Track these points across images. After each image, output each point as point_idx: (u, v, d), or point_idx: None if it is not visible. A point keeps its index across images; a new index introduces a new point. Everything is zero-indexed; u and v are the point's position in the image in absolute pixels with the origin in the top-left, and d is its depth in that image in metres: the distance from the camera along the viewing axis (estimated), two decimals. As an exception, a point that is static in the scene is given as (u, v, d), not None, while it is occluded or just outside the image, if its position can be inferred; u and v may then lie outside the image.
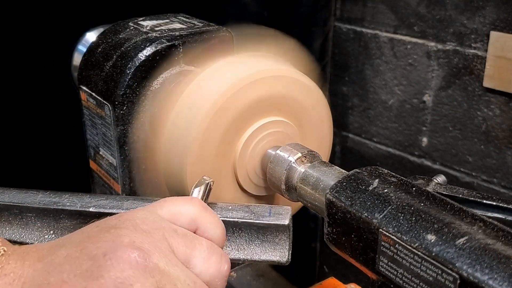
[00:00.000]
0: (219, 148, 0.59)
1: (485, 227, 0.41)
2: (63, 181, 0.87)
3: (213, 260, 0.41)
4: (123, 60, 0.62)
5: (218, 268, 0.41)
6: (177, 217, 0.42)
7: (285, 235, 0.48)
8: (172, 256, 0.39)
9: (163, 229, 0.40)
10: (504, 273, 0.37)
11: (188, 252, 0.40)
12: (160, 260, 0.37)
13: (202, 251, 0.41)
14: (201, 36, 0.65)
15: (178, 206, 0.43)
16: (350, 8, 1.16)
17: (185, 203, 0.43)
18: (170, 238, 0.40)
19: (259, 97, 0.59)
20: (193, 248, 0.40)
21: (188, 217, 0.43)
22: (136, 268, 0.36)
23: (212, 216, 0.44)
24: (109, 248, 0.36)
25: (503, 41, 0.91)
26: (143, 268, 0.36)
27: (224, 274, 0.41)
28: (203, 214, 0.43)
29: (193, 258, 0.40)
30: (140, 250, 0.37)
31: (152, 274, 0.36)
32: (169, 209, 0.43)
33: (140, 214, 0.41)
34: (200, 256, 0.40)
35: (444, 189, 0.53)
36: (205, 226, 0.43)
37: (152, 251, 0.37)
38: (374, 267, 0.45)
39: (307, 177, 0.55)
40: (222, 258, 0.42)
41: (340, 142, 1.27)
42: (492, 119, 0.97)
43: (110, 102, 0.62)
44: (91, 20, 0.77)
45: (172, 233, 0.40)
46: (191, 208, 0.43)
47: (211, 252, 0.41)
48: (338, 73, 1.22)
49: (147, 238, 0.38)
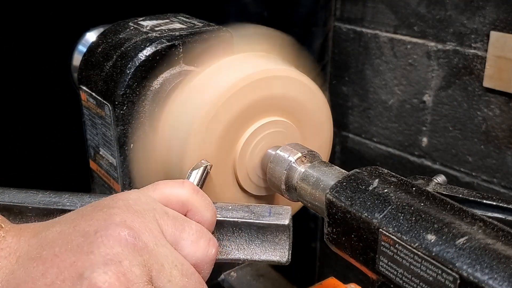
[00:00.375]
0: (219, 148, 0.59)
1: (485, 227, 0.41)
2: (63, 181, 0.87)
3: (201, 243, 0.42)
4: (123, 60, 0.63)
5: (205, 252, 0.42)
6: (169, 199, 0.44)
7: (285, 235, 0.48)
8: (161, 237, 0.40)
9: (154, 210, 0.41)
10: (504, 273, 0.37)
11: (177, 234, 0.41)
12: (149, 240, 0.38)
13: (191, 234, 0.42)
14: (201, 36, 0.65)
15: (170, 188, 0.44)
16: (350, 8, 1.16)
17: (177, 186, 0.45)
18: (160, 219, 0.41)
19: (259, 97, 0.59)
20: (182, 230, 0.41)
21: (179, 199, 0.44)
22: (126, 246, 0.37)
23: (203, 199, 0.45)
24: (101, 226, 0.38)
25: (503, 41, 0.91)
26: (132, 247, 0.37)
27: (211, 258, 0.42)
28: (194, 197, 0.44)
29: (181, 240, 0.41)
30: (130, 229, 0.38)
31: (140, 253, 0.37)
32: (162, 192, 0.44)
33: (133, 195, 0.42)
34: (188, 239, 0.41)
35: (444, 189, 0.53)
36: (196, 209, 0.44)
37: (142, 231, 0.38)
38: (374, 267, 0.45)
39: (307, 177, 0.55)
40: (210, 242, 0.43)
41: (340, 142, 1.27)
42: (492, 119, 0.97)
43: (110, 102, 0.62)
44: (91, 20, 0.77)
45: (163, 214, 0.41)
46: (182, 191, 0.44)
47: (199, 235, 0.42)
48: (338, 73, 1.22)
49: (138, 218, 0.39)
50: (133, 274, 0.36)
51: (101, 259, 0.36)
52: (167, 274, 0.38)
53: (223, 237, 0.49)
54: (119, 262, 0.36)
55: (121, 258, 0.36)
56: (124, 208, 0.40)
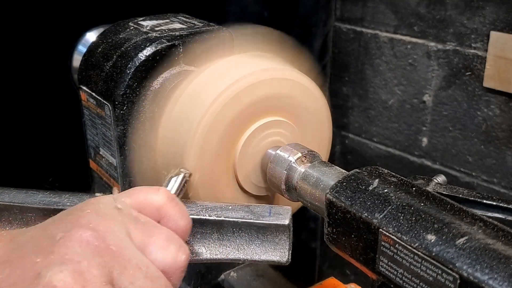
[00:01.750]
0: (219, 148, 0.59)
1: (485, 227, 0.41)
2: (63, 181, 0.87)
3: (170, 249, 0.42)
4: (123, 60, 0.63)
5: (174, 258, 0.42)
6: (143, 205, 0.44)
7: (285, 235, 0.48)
8: (127, 240, 0.40)
9: (123, 215, 0.41)
10: (504, 273, 0.37)
11: (146, 239, 0.41)
12: (113, 242, 0.39)
13: (160, 240, 0.42)
14: (201, 36, 0.65)
15: (144, 194, 0.45)
16: (350, 8, 1.16)
17: (152, 193, 0.45)
18: (129, 223, 0.41)
19: (259, 97, 0.59)
20: (150, 235, 0.41)
21: (153, 206, 0.44)
22: (86, 246, 0.37)
23: (178, 207, 0.45)
24: (67, 228, 0.38)
25: (503, 41, 0.91)
26: (93, 248, 0.37)
27: (180, 265, 0.42)
28: (168, 205, 0.44)
29: (149, 244, 0.41)
30: (93, 231, 0.38)
31: (101, 254, 0.37)
32: (136, 197, 0.44)
33: (105, 199, 0.42)
34: (156, 244, 0.41)
35: (444, 189, 0.53)
36: (169, 216, 0.44)
37: (107, 234, 0.39)
38: (374, 267, 0.45)
39: (307, 177, 0.55)
40: (180, 249, 0.42)
41: (340, 142, 1.27)
42: (492, 119, 0.97)
43: (110, 102, 0.62)
44: (91, 20, 0.77)
45: (132, 219, 0.42)
46: (156, 198, 0.44)
47: (169, 241, 0.42)
48: (338, 73, 1.22)
49: (104, 221, 0.40)
50: (90, 274, 0.36)
51: (60, 258, 0.36)
52: (129, 276, 0.38)
53: (223, 237, 0.48)
54: (77, 262, 0.36)
55: (79, 258, 0.36)
56: (92, 212, 0.40)
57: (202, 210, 0.49)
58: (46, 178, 0.87)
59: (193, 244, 0.48)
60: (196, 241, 0.48)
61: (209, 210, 0.49)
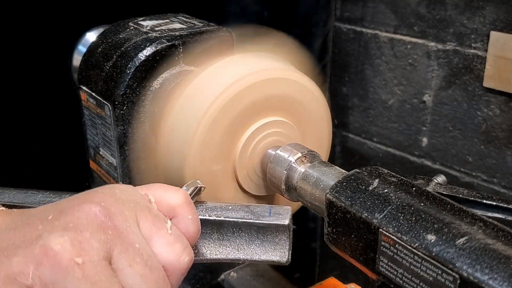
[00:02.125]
0: (219, 148, 0.59)
1: (485, 227, 0.41)
2: (63, 181, 0.87)
3: (176, 247, 0.41)
4: (123, 60, 0.63)
5: (178, 257, 0.41)
6: (158, 200, 0.44)
7: (285, 235, 0.48)
8: (135, 226, 0.40)
9: (137, 203, 0.41)
10: (504, 273, 0.37)
11: (154, 230, 0.41)
12: (121, 224, 0.39)
13: (168, 235, 0.41)
14: (201, 36, 0.65)
15: (163, 191, 0.44)
16: (350, 8, 1.16)
17: (171, 191, 0.45)
18: (140, 212, 0.41)
19: (259, 97, 0.59)
20: (159, 228, 0.41)
21: (169, 203, 0.44)
22: (93, 220, 0.38)
23: (193, 212, 0.45)
24: (78, 202, 0.39)
25: (503, 41, 0.91)
26: (99, 223, 0.38)
27: (183, 266, 0.42)
28: (184, 206, 0.44)
29: (156, 236, 0.41)
30: (104, 208, 0.38)
31: (105, 231, 0.38)
32: (154, 192, 0.44)
33: (122, 186, 0.43)
34: (163, 238, 0.41)
35: (444, 189, 0.53)
36: (182, 217, 0.44)
37: (116, 215, 0.39)
38: (374, 267, 0.45)
39: (307, 177, 0.55)
40: (186, 250, 0.42)
41: (340, 142, 1.27)
42: (492, 119, 0.97)
43: (110, 102, 0.62)
44: (91, 20, 0.77)
45: (145, 208, 0.41)
46: (174, 196, 0.44)
47: (177, 239, 0.42)
48: (338, 73, 1.22)
49: (116, 204, 0.40)
50: (89, 245, 0.36)
51: (63, 225, 0.37)
52: (129, 258, 0.38)
53: (223, 237, 0.48)
54: (79, 231, 0.36)
55: (82, 229, 0.37)
56: (107, 193, 0.40)
57: (202, 210, 0.49)
58: (46, 178, 0.87)
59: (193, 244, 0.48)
60: (196, 241, 0.48)
61: (209, 210, 0.49)
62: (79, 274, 0.35)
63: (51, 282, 0.35)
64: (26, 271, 0.35)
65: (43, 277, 0.35)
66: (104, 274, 0.36)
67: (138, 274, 0.38)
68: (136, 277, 0.38)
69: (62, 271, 0.35)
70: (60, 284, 0.35)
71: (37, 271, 0.35)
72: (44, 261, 0.35)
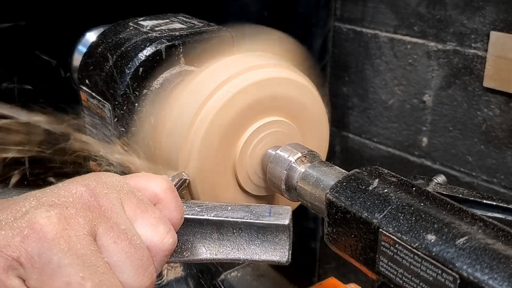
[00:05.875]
0: (220, 148, 0.59)
1: (485, 227, 0.41)
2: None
3: (160, 229, 0.42)
4: (123, 60, 0.63)
5: (162, 238, 0.42)
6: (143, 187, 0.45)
7: (285, 235, 0.48)
8: (120, 208, 0.41)
9: (122, 187, 0.43)
10: (504, 273, 0.37)
11: (138, 213, 0.42)
12: (106, 204, 0.40)
13: (152, 218, 0.42)
14: (201, 36, 0.65)
15: (147, 179, 0.46)
16: (350, 8, 1.15)
17: (154, 178, 0.46)
18: (125, 195, 0.42)
19: (259, 97, 0.59)
20: (143, 211, 0.42)
21: (152, 190, 0.45)
22: (78, 198, 0.39)
23: (175, 199, 0.46)
24: (64, 184, 0.41)
25: (503, 41, 0.91)
26: (85, 202, 0.39)
27: (166, 247, 0.42)
28: (167, 193, 0.45)
29: (140, 218, 0.42)
30: (89, 189, 0.40)
31: (91, 209, 0.39)
32: (139, 180, 0.45)
33: (108, 173, 0.44)
34: (147, 220, 0.42)
35: (444, 189, 0.53)
36: (165, 204, 0.45)
37: (101, 196, 0.40)
38: (374, 267, 0.45)
39: (307, 177, 0.55)
40: (169, 232, 0.43)
41: (340, 142, 1.27)
42: (492, 119, 0.97)
43: (110, 102, 0.62)
44: (91, 20, 0.77)
45: (129, 193, 0.43)
46: (157, 184, 0.45)
47: (160, 221, 0.43)
48: (338, 73, 1.22)
49: (102, 186, 0.41)
50: (75, 221, 0.37)
51: (50, 202, 0.38)
52: (114, 236, 0.39)
53: (223, 237, 0.49)
54: (65, 208, 0.38)
55: (68, 206, 0.38)
56: (93, 178, 0.42)
57: (202, 210, 0.49)
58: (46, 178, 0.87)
59: (193, 244, 0.48)
60: (196, 241, 0.48)
61: (209, 210, 0.49)
62: (64, 246, 0.36)
63: (37, 253, 0.36)
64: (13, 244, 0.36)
65: (29, 249, 0.36)
66: (89, 249, 0.37)
67: (123, 251, 0.39)
68: (120, 253, 0.39)
69: (48, 243, 0.36)
70: (46, 255, 0.36)
71: (23, 243, 0.36)
72: (31, 234, 0.36)
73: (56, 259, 0.36)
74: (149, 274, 0.40)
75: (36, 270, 0.36)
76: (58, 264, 0.36)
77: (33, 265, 0.36)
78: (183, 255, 0.49)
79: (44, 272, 0.36)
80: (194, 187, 0.58)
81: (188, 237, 0.48)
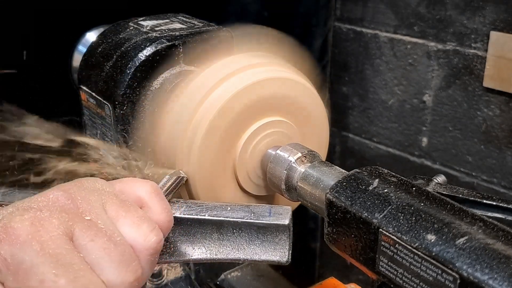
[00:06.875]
0: (220, 148, 0.59)
1: (485, 227, 0.41)
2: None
3: (143, 228, 0.42)
4: (123, 60, 0.63)
5: (145, 237, 0.42)
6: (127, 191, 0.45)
7: (285, 235, 0.48)
8: (101, 210, 0.41)
9: (104, 191, 0.43)
10: (504, 273, 0.37)
11: (120, 212, 0.42)
12: (84, 206, 0.41)
13: (135, 217, 0.42)
14: (201, 36, 0.65)
15: (132, 183, 0.46)
16: (350, 8, 1.16)
17: (139, 182, 0.46)
18: (106, 198, 0.43)
19: (259, 97, 0.59)
20: (126, 211, 0.42)
21: (135, 194, 0.45)
22: (54, 202, 0.40)
23: (161, 202, 0.46)
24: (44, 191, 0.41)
25: (503, 41, 0.91)
26: (60, 204, 0.40)
27: (150, 245, 0.42)
28: (151, 196, 0.45)
29: (122, 218, 0.42)
30: (67, 193, 0.41)
31: (67, 211, 0.40)
32: (124, 184, 0.46)
33: (92, 179, 0.45)
34: (130, 219, 0.42)
35: (444, 189, 0.53)
36: (149, 207, 0.45)
37: (80, 200, 0.41)
38: (374, 267, 0.45)
39: (307, 177, 0.55)
40: (153, 231, 0.43)
41: (340, 142, 1.27)
42: (492, 119, 0.97)
43: (110, 102, 0.62)
44: (91, 20, 0.77)
45: (111, 195, 0.43)
46: (141, 187, 0.46)
47: (143, 220, 0.43)
48: (338, 73, 1.22)
49: (82, 191, 0.42)
50: (49, 223, 0.38)
51: (25, 206, 0.39)
52: (91, 234, 0.39)
53: (223, 237, 0.49)
54: (39, 211, 0.39)
55: (43, 209, 0.39)
56: (74, 184, 0.43)
57: (202, 210, 0.49)
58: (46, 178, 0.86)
59: (193, 244, 0.49)
60: (196, 241, 0.48)
61: (209, 210, 0.49)
62: (37, 247, 0.37)
63: (10, 256, 0.36)
64: None
65: (2, 252, 0.37)
66: (63, 248, 0.37)
67: (101, 248, 0.39)
68: (98, 250, 0.39)
69: (20, 244, 0.37)
70: (18, 257, 0.36)
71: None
72: (4, 238, 0.37)
73: (29, 259, 0.36)
74: (132, 269, 0.40)
75: (11, 272, 0.36)
76: (31, 264, 0.36)
77: (8, 267, 0.36)
78: (183, 255, 0.49)
79: (18, 273, 0.36)
80: (194, 187, 0.58)
81: (188, 237, 0.48)
